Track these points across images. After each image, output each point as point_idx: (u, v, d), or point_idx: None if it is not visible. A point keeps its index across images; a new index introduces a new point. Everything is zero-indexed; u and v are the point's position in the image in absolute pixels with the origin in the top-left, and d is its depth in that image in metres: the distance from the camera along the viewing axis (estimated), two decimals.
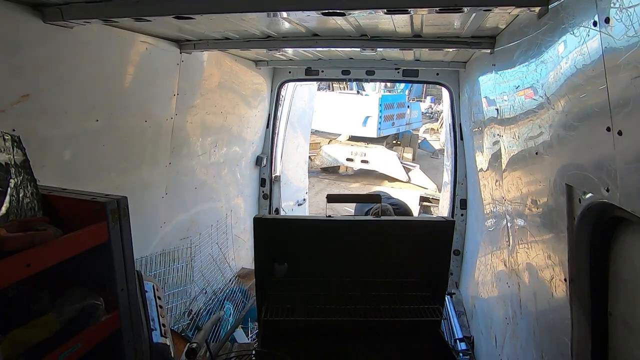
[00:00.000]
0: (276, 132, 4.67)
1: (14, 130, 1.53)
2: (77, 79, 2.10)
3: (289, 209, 5.65)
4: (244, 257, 4.53)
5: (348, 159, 13.96)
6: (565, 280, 1.39)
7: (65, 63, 2.01)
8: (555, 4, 1.40)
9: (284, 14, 2.07)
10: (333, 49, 3.36)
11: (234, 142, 4.05)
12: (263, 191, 4.75)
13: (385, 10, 1.66)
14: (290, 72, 4.38)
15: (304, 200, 6.52)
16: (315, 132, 13.75)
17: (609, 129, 1.03)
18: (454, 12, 1.67)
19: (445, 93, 4.13)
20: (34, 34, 1.82)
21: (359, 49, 2.72)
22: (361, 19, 2.17)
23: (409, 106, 17.13)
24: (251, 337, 3.44)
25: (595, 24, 1.09)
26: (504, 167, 2.17)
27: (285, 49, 3.29)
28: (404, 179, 13.31)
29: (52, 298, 1.23)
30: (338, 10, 1.69)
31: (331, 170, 14.62)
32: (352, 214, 5.39)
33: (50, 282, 1.25)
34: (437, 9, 1.61)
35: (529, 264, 1.82)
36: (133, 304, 1.41)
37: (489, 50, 2.41)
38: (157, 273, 3.03)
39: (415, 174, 13.31)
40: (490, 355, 2.59)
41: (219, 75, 3.49)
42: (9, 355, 1.07)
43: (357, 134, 14.91)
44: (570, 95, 1.29)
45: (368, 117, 14.82)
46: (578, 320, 1.34)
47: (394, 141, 16.31)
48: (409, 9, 1.64)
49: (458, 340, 3.17)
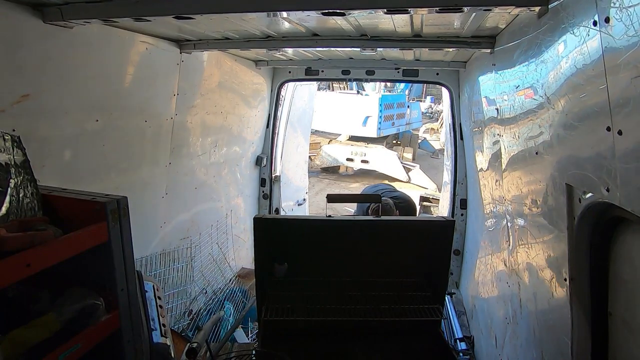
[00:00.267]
0: (276, 132, 4.67)
1: (14, 130, 1.53)
2: (77, 79, 2.10)
3: (289, 209, 5.64)
4: (244, 257, 4.53)
5: (348, 159, 13.94)
6: (565, 280, 1.39)
7: (65, 63, 2.01)
8: (555, 3, 1.40)
9: (284, 14, 2.07)
10: (333, 49, 3.36)
11: (234, 142, 4.05)
12: (263, 191, 4.74)
13: (385, 10, 1.66)
14: (290, 72, 4.37)
15: (304, 200, 6.51)
16: (315, 132, 13.73)
17: (609, 129, 1.03)
18: (454, 12, 1.67)
19: (445, 93, 4.13)
20: (34, 34, 1.82)
21: (358, 49, 2.72)
22: (361, 18, 2.17)
23: (409, 106, 17.10)
24: (251, 337, 3.44)
25: (595, 23, 1.09)
26: (504, 167, 2.17)
27: (285, 49, 3.29)
28: (404, 178, 13.29)
29: (52, 298, 1.23)
30: (338, 10, 1.69)
31: (331, 170, 14.60)
32: (352, 214, 5.40)
33: (50, 282, 1.24)
34: (437, 8, 1.61)
35: (529, 263, 1.82)
36: (133, 304, 1.41)
37: (489, 50, 2.40)
38: (157, 273, 3.03)
39: (415, 174, 13.29)
40: (490, 355, 2.59)
41: (219, 75, 3.49)
42: (9, 355, 1.07)
43: (357, 134, 14.88)
44: (570, 95, 1.29)
45: (368, 117, 14.79)
46: (578, 320, 1.34)
47: (394, 141, 16.28)
48: (409, 9, 1.64)
49: (458, 340, 3.17)
